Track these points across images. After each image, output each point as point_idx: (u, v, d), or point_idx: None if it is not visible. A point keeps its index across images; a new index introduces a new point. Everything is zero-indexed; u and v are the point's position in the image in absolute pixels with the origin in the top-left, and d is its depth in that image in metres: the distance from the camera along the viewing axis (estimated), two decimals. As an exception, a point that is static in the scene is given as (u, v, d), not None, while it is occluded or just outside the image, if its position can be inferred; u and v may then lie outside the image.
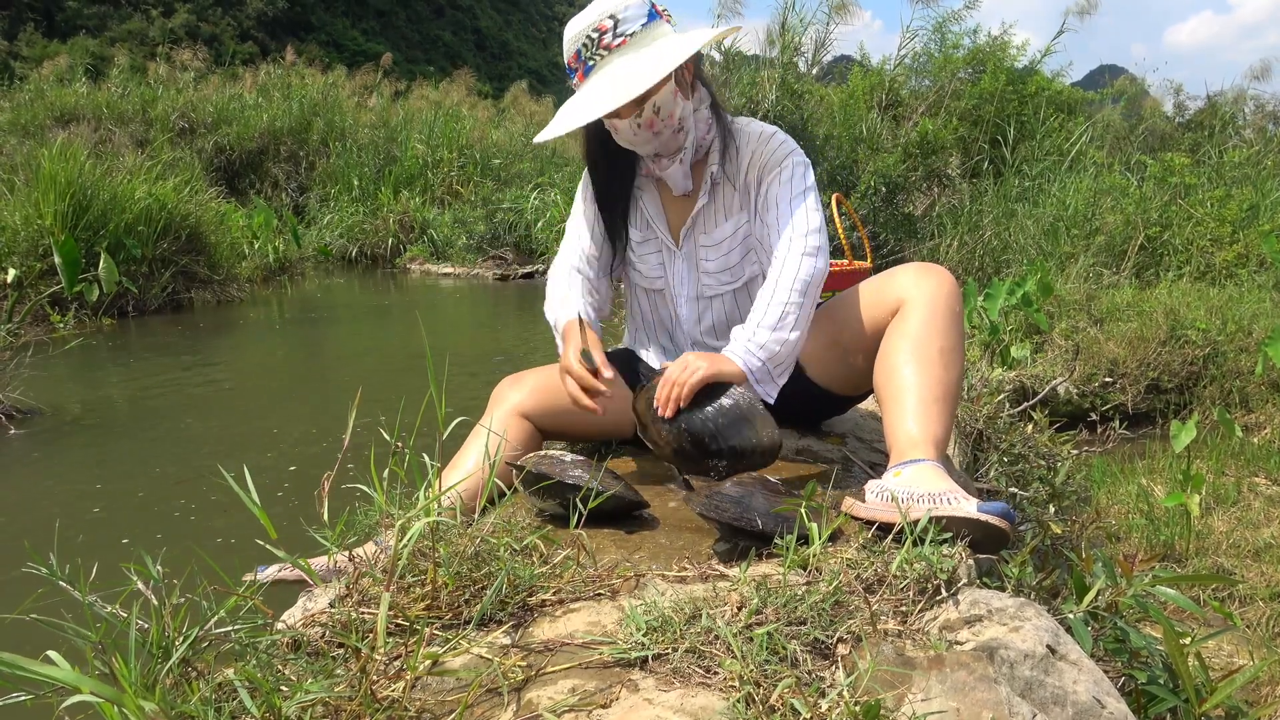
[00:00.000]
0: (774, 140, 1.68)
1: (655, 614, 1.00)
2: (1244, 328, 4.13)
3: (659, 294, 1.82)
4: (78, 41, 37.29)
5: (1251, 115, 8.48)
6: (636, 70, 1.52)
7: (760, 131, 1.70)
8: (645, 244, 1.80)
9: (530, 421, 1.70)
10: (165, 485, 2.67)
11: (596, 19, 1.55)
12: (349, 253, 10.00)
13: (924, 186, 6.74)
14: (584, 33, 1.56)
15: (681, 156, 1.67)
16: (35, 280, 5.44)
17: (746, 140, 1.70)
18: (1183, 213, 5.69)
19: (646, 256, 1.80)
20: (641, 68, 1.52)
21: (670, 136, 1.63)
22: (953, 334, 1.48)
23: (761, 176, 1.67)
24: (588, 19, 1.56)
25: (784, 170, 1.65)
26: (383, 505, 1.10)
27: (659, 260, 1.79)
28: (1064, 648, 0.98)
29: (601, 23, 1.55)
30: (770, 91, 6.00)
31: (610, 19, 1.54)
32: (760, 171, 1.68)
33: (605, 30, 1.55)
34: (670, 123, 1.61)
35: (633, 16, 1.55)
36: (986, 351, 4.03)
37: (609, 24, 1.55)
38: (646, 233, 1.79)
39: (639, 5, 1.56)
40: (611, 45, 1.55)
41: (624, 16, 1.55)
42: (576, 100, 1.58)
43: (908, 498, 1.22)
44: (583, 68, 1.58)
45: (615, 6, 1.55)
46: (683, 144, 1.67)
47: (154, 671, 0.86)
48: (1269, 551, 2.49)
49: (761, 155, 1.68)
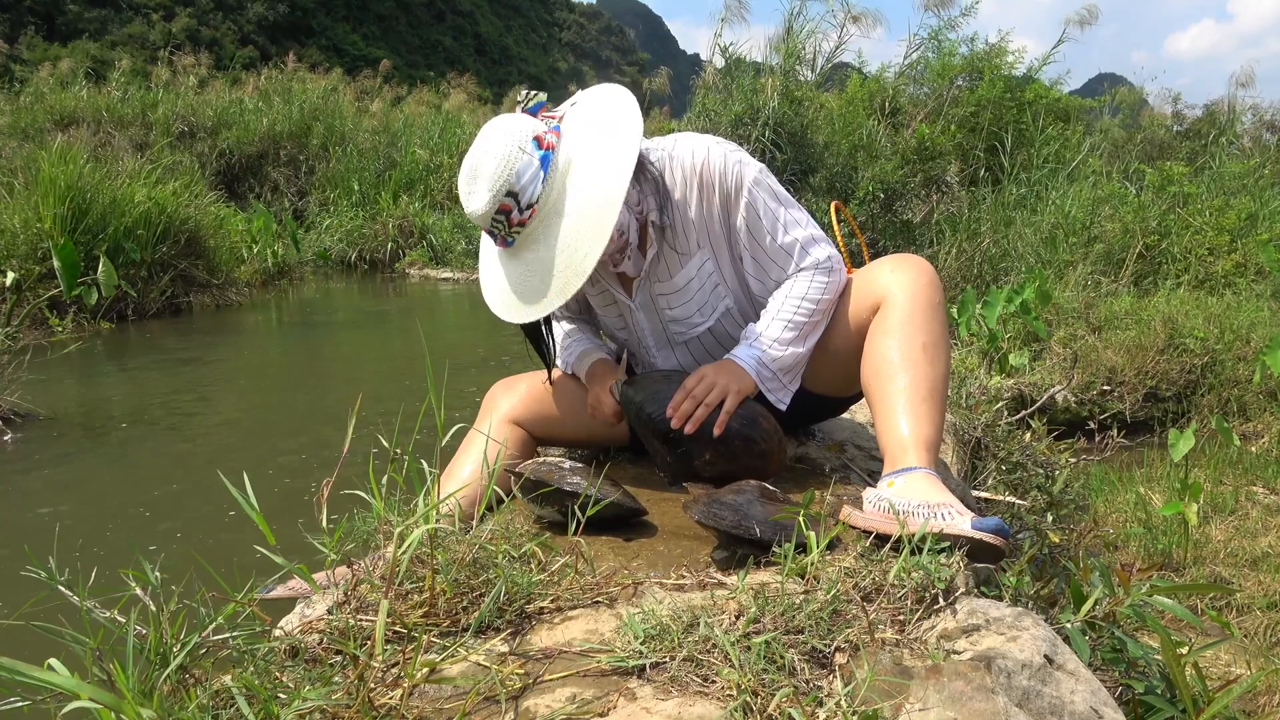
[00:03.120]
0: (713, 164, 1.53)
1: (653, 622, 1.00)
2: (1242, 336, 4.14)
3: (626, 343, 1.78)
4: (78, 45, 37.30)
5: (1250, 124, 8.51)
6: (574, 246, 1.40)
7: (692, 159, 1.54)
8: (601, 296, 1.72)
9: (522, 428, 1.70)
10: (163, 490, 2.67)
11: (493, 203, 1.40)
12: (348, 257, 10.01)
13: (922, 194, 6.76)
14: (488, 216, 1.42)
15: (629, 251, 1.57)
16: (34, 284, 5.43)
17: (682, 176, 1.56)
18: (1181, 221, 5.71)
19: (606, 309, 1.74)
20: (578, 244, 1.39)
21: (614, 245, 1.53)
22: (935, 327, 1.45)
23: (726, 211, 1.56)
24: (482, 202, 1.41)
25: (752, 203, 1.55)
26: (381, 513, 1.10)
27: (617, 313, 1.72)
28: (1061, 657, 0.98)
29: (502, 203, 1.40)
30: (772, 98, 6.02)
31: (509, 196, 1.40)
32: (721, 204, 1.56)
33: (509, 209, 1.41)
34: (622, 240, 1.53)
35: (529, 181, 1.40)
36: (985, 359, 4.04)
37: (510, 202, 1.40)
38: (599, 287, 1.70)
39: (526, 164, 1.39)
40: (524, 220, 1.42)
41: (521, 187, 1.39)
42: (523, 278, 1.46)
43: (905, 508, 1.22)
44: (501, 240, 1.47)
45: (507, 180, 1.39)
46: (628, 240, 1.55)
47: (152, 678, 0.86)
48: (1266, 560, 2.49)
49: (709, 188, 1.55)
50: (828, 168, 6.17)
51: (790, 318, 1.55)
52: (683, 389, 1.48)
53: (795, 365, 1.57)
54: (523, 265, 1.46)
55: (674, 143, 1.58)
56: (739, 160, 1.55)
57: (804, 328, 1.55)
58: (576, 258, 1.40)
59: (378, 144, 11.81)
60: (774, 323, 1.55)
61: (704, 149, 1.55)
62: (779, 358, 1.54)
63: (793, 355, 1.55)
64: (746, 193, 1.54)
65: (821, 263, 1.57)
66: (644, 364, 1.78)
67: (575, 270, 1.40)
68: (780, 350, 1.54)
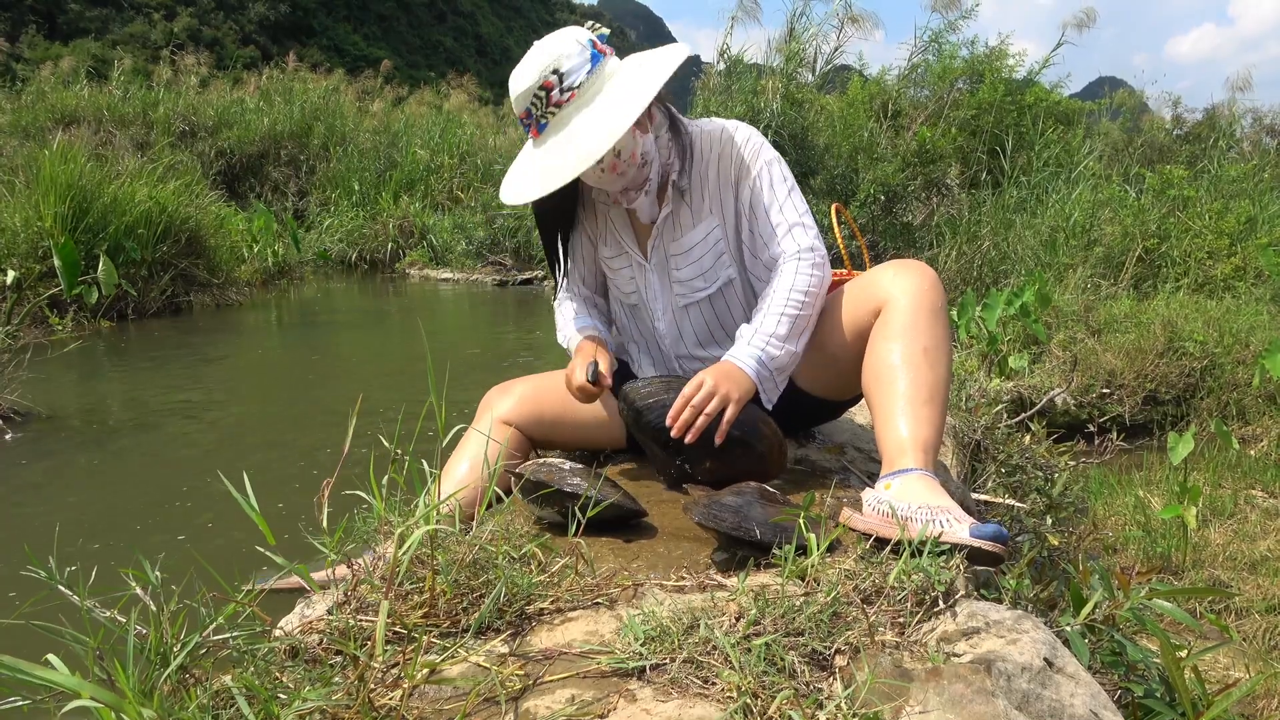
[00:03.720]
0: (737, 138, 1.67)
1: (653, 624, 1.00)
2: (1241, 340, 4.15)
3: (636, 309, 1.82)
4: (80, 44, 37.31)
5: (1249, 128, 8.51)
6: (593, 130, 1.49)
7: (721, 131, 1.68)
8: (617, 259, 1.79)
9: (518, 430, 1.72)
10: (163, 490, 2.67)
11: (539, 77, 1.51)
12: (348, 257, 10.01)
13: (923, 196, 6.76)
14: (530, 92, 1.53)
15: (648, 188, 1.66)
16: (34, 282, 5.43)
17: (708, 144, 1.68)
18: (1181, 225, 5.71)
19: (620, 272, 1.79)
20: (597, 128, 1.49)
21: (635, 172, 1.62)
22: (936, 331, 1.46)
23: (737, 181, 1.67)
24: (530, 77, 1.52)
25: (760, 177, 1.65)
26: (381, 513, 1.10)
27: (631, 275, 1.78)
28: (1061, 661, 0.98)
29: (546, 79, 1.51)
30: (773, 100, 6.02)
31: (554, 74, 1.51)
32: (734, 175, 1.67)
33: (551, 87, 1.51)
34: (633, 161, 1.60)
35: (576, 67, 1.51)
36: (984, 362, 4.04)
37: (554, 80, 1.51)
38: (616, 249, 1.78)
39: (579, 53, 1.52)
40: (561, 101, 1.52)
41: (567, 69, 1.51)
42: (538, 161, 1.56)
43: (904, 511, 1.22)
44: (535, 125, 1.56)
45: (556, 60, 1.51)
46: (648, 176, 1.65)
47: (152, 678, 0.86)
48: (1265, 564, 2.49)
49: (728, 158, 1.66)
50: (828, 170, 6.17)
51: (783, 310, 1.56)
52: (682, 397, 1.48)
53: (789, 365, 1.59)
54: (545, 151, 1.54)
55: (707, 120, 1.72)
56: (761, 141, 1.68)
57: (797, 321, 1.57)
58: (598, 135, 1.49)
59: (378, 144, 11.82)
60: (768, 317, 1.57)
61: (733, 125, 1.69)
62: (776, 356, 1.55)
63: (788, 354, 1.57)
64: (759, 166, 1.65)
65: (804, 250, 1.61)
66: (648, 332, 1.81)
67: (586, 152, 1.48)
68: (777, 348, 1.55)
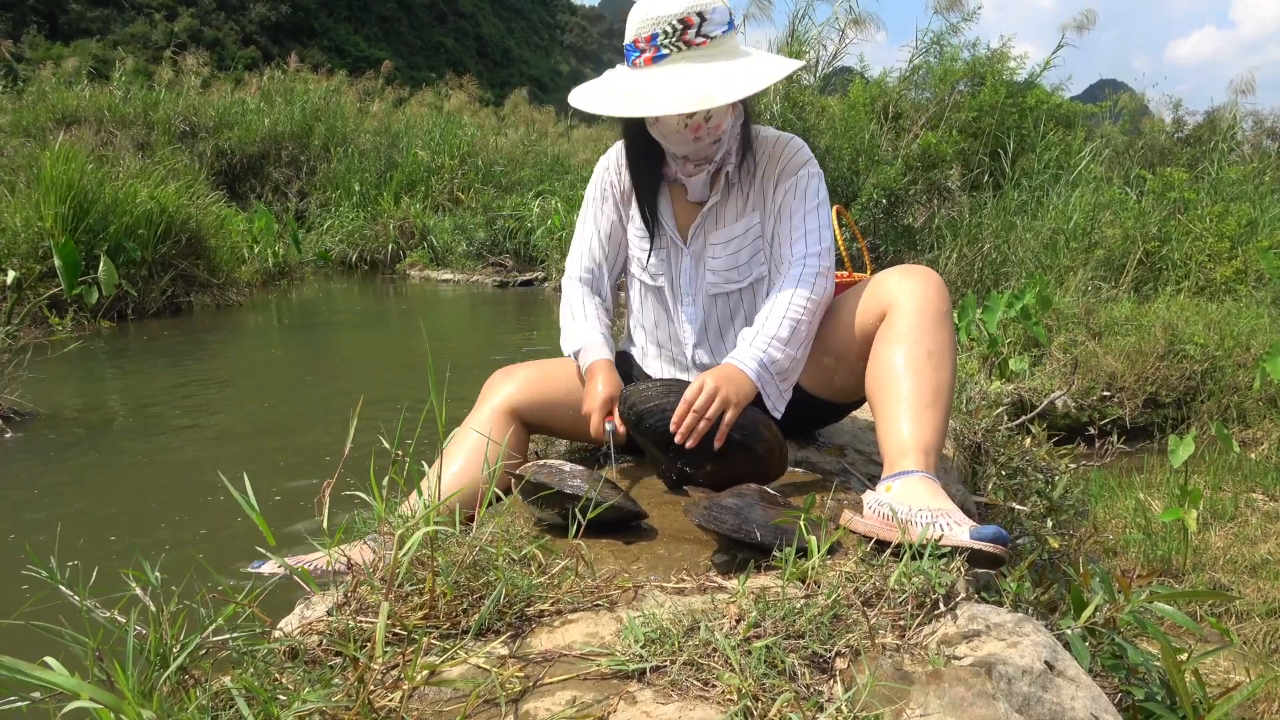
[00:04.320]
0: (790, 146, 1.71)
1: (653, 626, 1.00)
2: (1242, 343, 4.15)
3: (659, 291, 1.82)
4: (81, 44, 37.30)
5: (1250, 131, 8.51)
6: (715, 81, 1.50)
7: (777, 137, 1.73)
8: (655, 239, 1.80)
9: (519, 416, 1.73)
10: (164, 490, 2.66)
11: (684, 10, 1.51)
12: (349, 258, 10.01)
13: (924, 198, 6.75)
14: (667, 19, 1.51)
15: (710, 167, 1.69)
16: (34, 282, 5.43)
17: (763, 145, 1.72)
18: (1181, 228, 5.71)
19: (656, 252, 1.80)
20: (720, 81, 1.50)
21: (708, 145, 1.65)
22: (941, 335, 1.47)
23: (778, 180, 1.70)
24: (674, 6, 1.51)
25: (799, 181, 1.68)
26: (381, 514, 1.10)
27: (663, 257, 1.79)
28: (1062, 664, 0.98)
29: (689, 16, 1.51)
30: (775, 101, 6.02)
31: (698, 15, 1.51)
32: (776, 175, 1.70)
33: (691, 25, 1.51)
34: (715, 133, 1.62)
35: (718, 21, 1.53)
36: (985, 364, 4.04)
37: (695, 19, 1.51)
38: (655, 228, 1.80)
39: (723, 10, 1.55)
40: (693, 42, 1.52)
41: (711, 18, 1.52)
42: (640, 84, 1.54)
43: (905, 514, 1.22)
44: (654, 53, 1.54)
45: (704, 3, 1.52)
46: (714, 155, 1.68)
47: (152, 679, 0.86)
48: (1266, 567, 2.49)
49: (777, 159, 1.71)
50: (830, 172, 6.17)
51: (785, 315, 1.57)
52: (684, 401, 1.48)
53: (791, 371, 1.60)
54: (656, 80, 1.52)
55: (765, 127, 1.78)
56: (810, 155, 1.73)
57: (799, 327, 1.57)
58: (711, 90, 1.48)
59: (379, 145, 11.81)
60: (771, 320, 1.57)
61: (787, 136, 1.75)
62: (778, 359, 1.55)
63: (789, 359, 1.57)
64: (799, 174, 1.70)
65: (811, 257, 1.63)
66: (670, 317, 1.82)
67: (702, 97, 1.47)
68: (779, 351, 1.55)
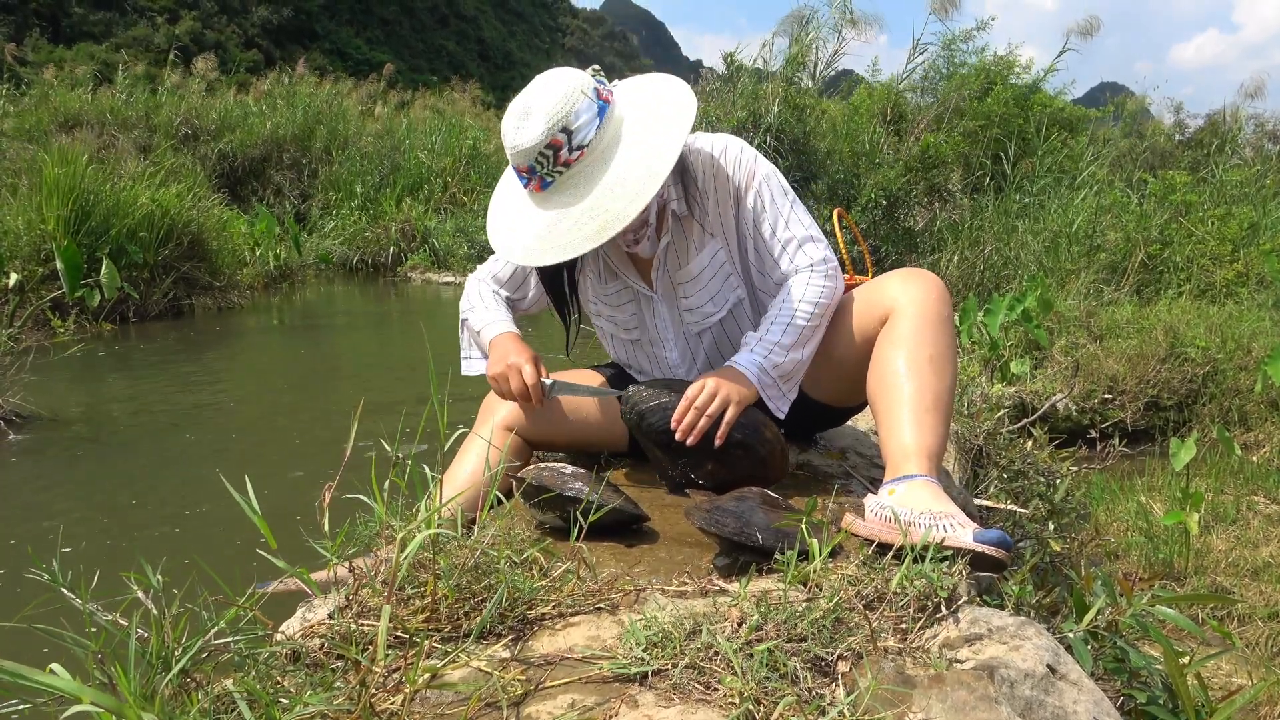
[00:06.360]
0: (729, 157, 1.60)
1: (655, 629, 1.00)
2: (1243, 346, 4.14)
3: (637, 343, 1.76)
4: (83, 48, 37.40)
5: (1252, 134, 8.51)
6: (616, 194, 1.41)
7: (711, 153, 1.61)
8: (619, 294, 1.72)
9: (519, 434, 1.71)
10: (165, 493, 2.67)
11: (546, 135, 1.41)
12: (350, 260, 10.01)
13: (925, 201, 6.75)
14: (536, 150, 1.43)
15: (648, 232, 1.60)
16: (36, 285, 5.44)
17: (703, 166, 1.61)
18: (1183, 231, 5.71)
19: (623, 307, 1.73)
20: (622, 191, 1.41)
21: (637, 230, 1.57)
22: (943, 339, 1.46)
23: (737, 201, 1.61)
24: (535, 135, 1.42)
25: (760, 193, 1.60)
26: (383, 517, 1.10)
27: (634, 310, 1.72)
28: (1064, 667, 0.98)
29: (555, 138, 1.42)
30: (773, 105, 6.02)
31: (563, 133, 1.41)
32: (732, 196, 1.61)
33: (559, 145, 1.42)
34: (637, 225, 1.55)
35: (585, 124, 1.42)
36: (986, 367, 4.03)
37: (562, 139, 1.42)
38: (616, 284, 1.72)
39: (587, 106, 1.43)
40: (570, 160, 1.43)
41: (577, 126, 1.42)
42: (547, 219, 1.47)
43: (907, 517, 1.22)
44: (539, 182, 1.47)
45: (564, 116, 1.41)
46: (649, 219, 1.58)
47: (154, 682, 0.86)
48: (1268, 571, 2.49)
49: (724, 178, 1.60)
50: (830, 175, 6.17)
51: (789, 321, 1.55)
52: (686, 399, 1.48)
53: (795, 372, 1.58)
54: (556, 209, 1.46)
55: (695, 138, 1.63)
56: (754, 156, 1.62)
57: (803, 332, 1.56)
58: (621, 203, 1.42)
59: (380, 148, 11.82)
60: (774, 326, 1.56)
61: (723, 142, 1.62)
62: (780, 363, 1.54)
63: (793, 361, 1.56)
64: (757, 184, 1.60)
65: (817, 264, 1.58)
66: (656, 361, 1.77)
67: (618, 214, 1.41)
68: (781, 355, 1.54)
